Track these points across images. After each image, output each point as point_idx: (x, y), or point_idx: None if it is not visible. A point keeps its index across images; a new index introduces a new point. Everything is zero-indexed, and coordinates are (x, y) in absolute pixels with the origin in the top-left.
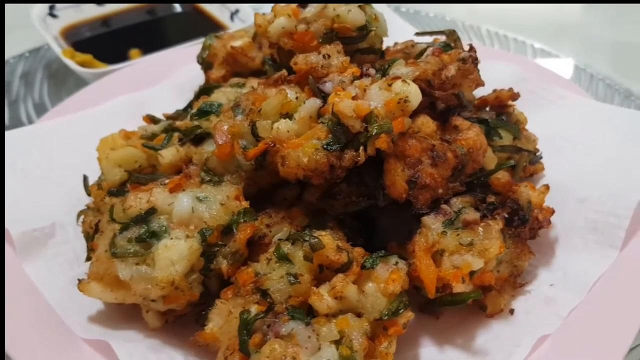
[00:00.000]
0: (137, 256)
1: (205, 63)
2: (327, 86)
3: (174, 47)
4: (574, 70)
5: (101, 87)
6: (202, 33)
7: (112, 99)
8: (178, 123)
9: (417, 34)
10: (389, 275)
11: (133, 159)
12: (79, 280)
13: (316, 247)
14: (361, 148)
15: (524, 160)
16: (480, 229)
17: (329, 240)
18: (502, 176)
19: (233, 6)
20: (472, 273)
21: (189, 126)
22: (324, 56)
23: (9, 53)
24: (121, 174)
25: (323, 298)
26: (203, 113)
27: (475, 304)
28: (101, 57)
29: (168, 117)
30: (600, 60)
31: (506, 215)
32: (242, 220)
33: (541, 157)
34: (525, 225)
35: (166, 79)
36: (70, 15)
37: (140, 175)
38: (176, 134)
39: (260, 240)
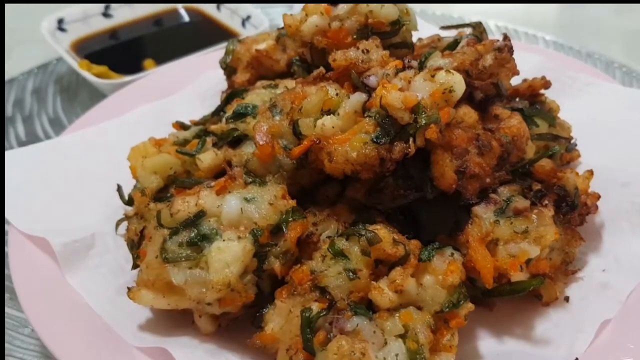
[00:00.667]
0: (190, 260)
1: (229, 68)
2: (372, 80)
3: (189, 56)
4: (590, 60)
5: (121, 97)
6: (214, 41)
7: (133, 109)
8: (212, 127)
9: (443, 27)
10: (446, 267)
11: (168, 166)
12: (129, 289)
13: (373, 241)
14: (411, 139)
15: (561, 148)
16: (533, 216)
17: (385, 233)
18: (546, 164)
19: (244, 12)
20: (527, 261)
21: (224, 129)
22: (362, 51)
23: (16, 70)
24: (157, 180)
25: (384, 292)
26: (239, 115)
27: (529, 294)
28: (115, 68)
29: (195, 124)
30: (613, 49)
31: (554, 202)
32: (291, 219)
33: (576, 144)
34: (574, 211)
35: (184, 87)
36: (79, 28)
37: (185, 180)
38: (209, 139)
39: (308, 239)
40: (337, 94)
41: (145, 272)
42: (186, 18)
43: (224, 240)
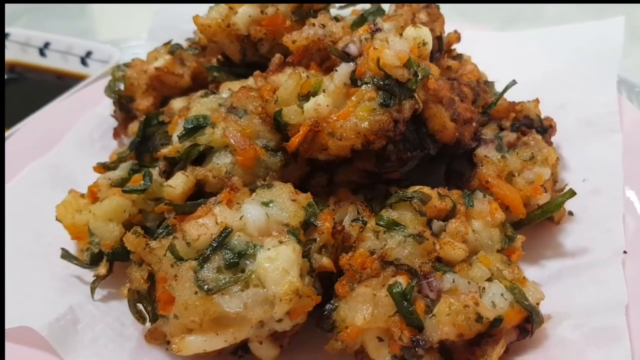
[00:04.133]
0: (238, 282)
1: (124, 97)
2: (352, 48)
3: (44, 108)
4: None
5: None
6: (56, 93)
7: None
8: (162, 152)
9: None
10: (489, 208)
11: (121, 210)
12: (169, 342)
13: (426, 199)
14: (414, 95)
15: None
16: (532, 142)
17: (428, 190)
18: (503, 101)
19: (81, 49)
20: None
21: (181, 149)
22: (319, 26)
23: None
24: (119, 228)
25: (455, 245)
26: (192, 130)
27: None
28: None
29: (114, 163)
30: None
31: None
32: (318, 210)
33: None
34: (546, 134)
35: (62, 137)
36: None
37: (183, 205)
38: (153, 168)
39: (333, 228)
40: (307, 76)
41: (183, 316)
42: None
43: (268, 249)
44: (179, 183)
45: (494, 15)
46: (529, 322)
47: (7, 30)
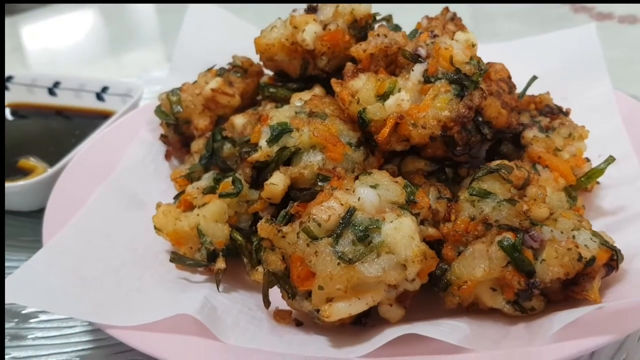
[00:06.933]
0: (373, 251)
1: (181, 119)
2: (421, 51)
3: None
4: None
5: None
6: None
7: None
8: (253, 157)
9: None
10: (552, 175)
11: (223, 212)
12: (317, 311)
13: (509, 170)
14: (480, 86)
15: None
16: (566, 122)
17: (505, 162)
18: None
19: (96, 85)
20: None
21: (271, 153)
22: (382, 37)
23: None
24: (226, 227)
25: (541, 205)
26: (278, 136)
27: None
28: None
29: (187, 176)
30: None
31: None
32: (411, 190)
33: None
34: (568, 117)
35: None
36: None
37: (302, 194)
38: (238, 174)
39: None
40: (379, 79)
41: (328, 286)
42: (10, 117)
43: (391, 222)
44: (280, 181)
45: None
46: (613, 260)
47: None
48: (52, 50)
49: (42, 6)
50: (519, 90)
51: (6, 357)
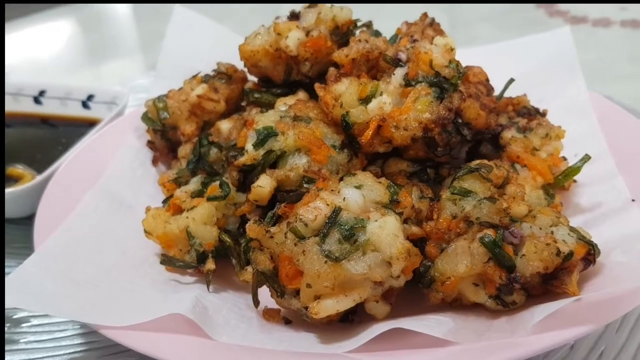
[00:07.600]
0: (358, 250)
1: (168, 125)
2: (402, 56)
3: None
4: None
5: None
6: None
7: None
8: (239, 161)
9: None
10: (530, 174)
11: (211, 214)
12: (306, 308)
13: (489, 169)
14: (459, 88)
15: None
16: (543, 122)
17: (488, 162)
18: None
19: (80, 93)
20: None
21: (257, 157)
22: (363, 42)
23: None
24: (215, 229)
25: (520, 203)
26: (264, 139)
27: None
28: None
29: (175, 180)
30: None
31: None
32: (395, 190)
33: None
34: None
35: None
36: None
37: (290, 195)
38: (225, 177)
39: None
40: (361, 83)
41: (316, 283)
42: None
43: (376, 221)
44: (267, 183)
45: None
46: (590, 254)
47: None
48: (32, 60)
49: (23, 15)
50: (497, 92)
51: None
